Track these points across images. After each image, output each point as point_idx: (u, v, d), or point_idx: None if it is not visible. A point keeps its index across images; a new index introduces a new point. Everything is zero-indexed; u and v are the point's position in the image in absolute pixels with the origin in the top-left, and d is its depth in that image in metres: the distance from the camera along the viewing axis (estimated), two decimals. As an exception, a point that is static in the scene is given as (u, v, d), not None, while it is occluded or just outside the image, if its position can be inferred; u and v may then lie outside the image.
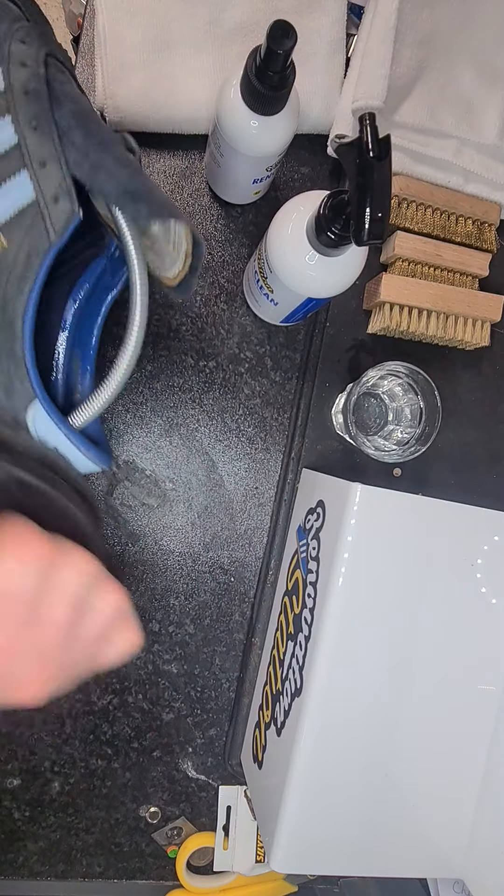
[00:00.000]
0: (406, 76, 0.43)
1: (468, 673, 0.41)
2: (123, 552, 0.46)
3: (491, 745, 0.41)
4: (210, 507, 0.47)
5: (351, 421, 0.43)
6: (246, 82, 0.32)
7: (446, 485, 0.50)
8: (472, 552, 0.40)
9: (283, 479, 0.47)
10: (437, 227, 0.46)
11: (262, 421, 0.47)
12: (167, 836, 0.48)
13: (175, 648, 0.47)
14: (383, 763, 0.39)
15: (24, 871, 0.46)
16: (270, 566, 0.47)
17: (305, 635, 0.38)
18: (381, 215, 0.27)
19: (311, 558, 0.40)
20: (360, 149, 0.28)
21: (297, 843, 0.37)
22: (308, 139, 0.46)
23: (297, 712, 0.37)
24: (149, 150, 0.45)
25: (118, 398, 0.44)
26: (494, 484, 0.50)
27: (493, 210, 0.47)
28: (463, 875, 0.41)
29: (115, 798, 0.47)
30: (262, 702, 0.44)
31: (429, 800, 0.40)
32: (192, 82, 0.42)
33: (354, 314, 0.48)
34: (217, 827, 0.48)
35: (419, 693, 0.39)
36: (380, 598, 0.38)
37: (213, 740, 0.48)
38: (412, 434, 0.45)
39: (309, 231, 0.33)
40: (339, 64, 0.44)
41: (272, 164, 0.39)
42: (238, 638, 0.48)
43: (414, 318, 0.45)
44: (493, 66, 0.45)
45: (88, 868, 0.47)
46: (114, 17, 0.41)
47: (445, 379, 0.49)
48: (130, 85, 0.41)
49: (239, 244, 0.47)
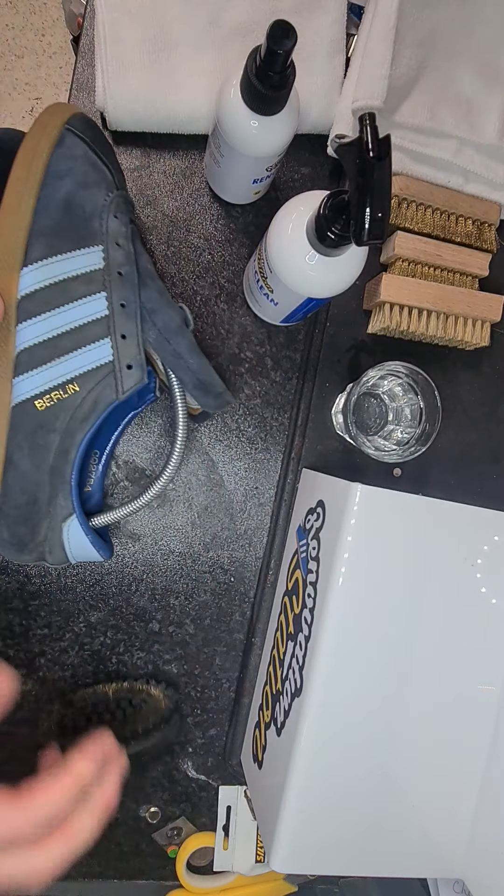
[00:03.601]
0: (406, 76, 0.43)
1: (468, 673, 0.41)
2: (124, 552, 0.46)
3: (491, 745, 0.41)
4: (210, 507, 0.47)
5: (351, 421, 0.43)
6: (246, 82, 0.32)
7: (446, 485, 0.49)
8: (472, 552, 0.40)
9: (283, 479, 0.47)
10: (437, 227, 0.46)
11: (262, 421, 0.47)
12: (167, 836, 0.48)
13: (175, 648, 0.47)
14: (383, 763, 0.39)
15: (24, 871, 0.46)
16: (270, 566, 0.47)
17: (305, 635, 0.38)
18: (381, 215, 0.27)
19: (311, 558, 0.40)
20: (360, 149, 0.28)
21: (297, 843, 0.37)
22: (308, 139, 0.46)
23: (297, 712, 0.37)
24: (149, 150, 0.45)
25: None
26: (494, 484, 0.50)
27: (492, 210, 0.47)
28: (463, 875, 0.41)
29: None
30: (262, 702, 0.44)
31: (429, 800, 0.40)
32: (192, 82, 0.42)
33: (354, 314, 0.48)
34: (217, 827, 0.48)
35: (419, 693, 0.39)
36: (380, 598, 0.38)
37: (213, 740, 0.48)
38: (412, 434, 0.45)
39: (309, 231, 0.33)
40: (339, 64, 0.44)
41: (272, 164, 0.39)
42: (238, 638, 0.48)
43: (414, 318, 0.45)
44: (493, 66, 0.45)
45: (88, 868, 0.47)
46: (114, 17, 0.41)
47: (445, 379, 0.49)
48: (130, 85, 0.41)
49: (239, 244, 0.47)
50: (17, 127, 0.37)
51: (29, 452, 0.35)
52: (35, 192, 0.34)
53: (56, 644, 0.45)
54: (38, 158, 0.34)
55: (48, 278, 0.34)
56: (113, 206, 0.36)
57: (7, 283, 0.33)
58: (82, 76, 0.44)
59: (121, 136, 0.44)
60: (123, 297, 0.36)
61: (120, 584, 0.46)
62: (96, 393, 0.36)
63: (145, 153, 0.45)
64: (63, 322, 0.35)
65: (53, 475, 0.36)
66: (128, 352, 0.36)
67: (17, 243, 0.33)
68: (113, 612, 0.46)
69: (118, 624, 0.46)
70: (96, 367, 0.36)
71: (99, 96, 0.42)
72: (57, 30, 1.33)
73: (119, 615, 0.46)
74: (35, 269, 0.34)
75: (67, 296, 0.35)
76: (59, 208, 0.34)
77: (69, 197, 0.35)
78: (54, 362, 0.35)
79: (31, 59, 1.32)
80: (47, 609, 0.45)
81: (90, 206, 0.35)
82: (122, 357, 0.36)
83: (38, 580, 0.45)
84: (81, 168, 0.35)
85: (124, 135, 0.44)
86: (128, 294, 0.36)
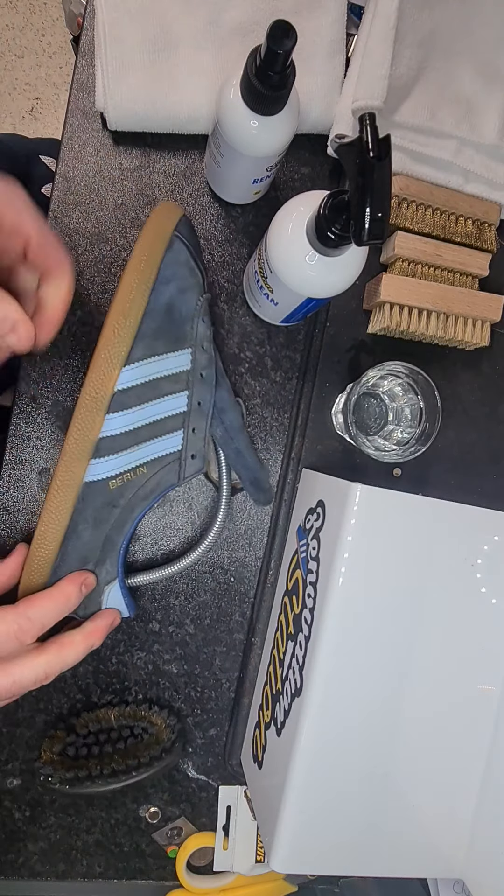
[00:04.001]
0: (406, 76, 0.43)
1: (468, 673, 0.41)
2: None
3: (491, 745, 0.41)
4: (210, 507, 0.47)
5: (351, 421, 0.43)
6: (246, 82, 0.32)
7: (446, 485, 0.49)
8: (472, 552, 0.40)
9: (283, 479, 0.47)
10: (437, 227, 0.46)
11: (262, 421, 0.47)
12: (167, 836, 0.48)
13: (175, 648, 0.47)
14: (383, 763, 0.39)
15: (24, 871, 0.46)
16: (270, 566, 0.47)
17: (305, 635, 0.38)
18: (381, 215, 0.27)
19: (311, 558, 0.40)
20: (360, 149, 0.28)
21: (297, 843, 0.37)
22: (308, 139, 0.46)
23: (297, 712, 0.37)
24: (149, 150, 0.45)
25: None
26: (494, 484, 0.50)
27: (493, 210, 0.47)
28: (463, 875, 0.41)
29: (115, 798, 0.47)
30: (262, 702, 0.44)
31: (429, 800, 0.40)
32: (192, 82, 0.42)
33: (354, 314, 0.48)
34: (217, 827, 0.48)
35: (419, 693, 0.39)
36: (380, 598, 0.38)
37: (213, 740, 0.48)
38: (412, 434, 0.45)
39: (309, 231, 0.33)
40: (339, 64, 0.44)
41: (272, 164, 0.39)
42: (238, 638, 0.48)
43: (414, 318, 0.45)
44: (493, 66, 0.45)
45: (88, 868, 0.47)
46: (114, 17, 0.41)
47: (445, 379, 0.49)
48: (130, 85, 0.41)
49: (239, 244, 0.47)
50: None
51: (93, 525, 0.38)
52: (146, 297, 0.36)
53: (56, 644, 0.45)
54: (152, 264, 0.36)
55: (143, 377, 0.37)
56: (202, 310, 0.39)
57: (109, 377, 0.36)
58: (82, 76, 0.44)
59: (121, 136, 0.44)
60: (201, 397, 0.40)
61: (120, 584, 0.46)
62: (160, 476, 0.39)
63: (145, 153, 0.45)
64: (148, 415, 0.38)
65: (106, 543, 0.39)
66: (195, 444, 0.40)
67: (125, 345, 0.36)
68: (113, 612, 0.46)
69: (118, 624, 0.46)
70: (166, 455, 0.39)
71: (99, 96, 0.42)
72: (57, 30, 1.33)
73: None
74: (135, 367, 0.37)
75: (156, 392, 0.38)
76: (161, 313, 0.37)
77: (171, 301, 0.37)
78: (132, 449, 0.38)
79: (31, 59, 1.32)
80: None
81: (185, 311, 0.38)
82: (190, 448, 0.40)
83: (38, 580, 0.45)
84: (183, 273, 0.37)
85: (124, 135, 0.44)
86: (205, 394, 0.40)
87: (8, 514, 0.43)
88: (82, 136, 0.44)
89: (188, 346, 0.38)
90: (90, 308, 0.45)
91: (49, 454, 0.44)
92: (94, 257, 0.45)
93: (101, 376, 0.36)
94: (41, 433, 0.44)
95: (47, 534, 0.37)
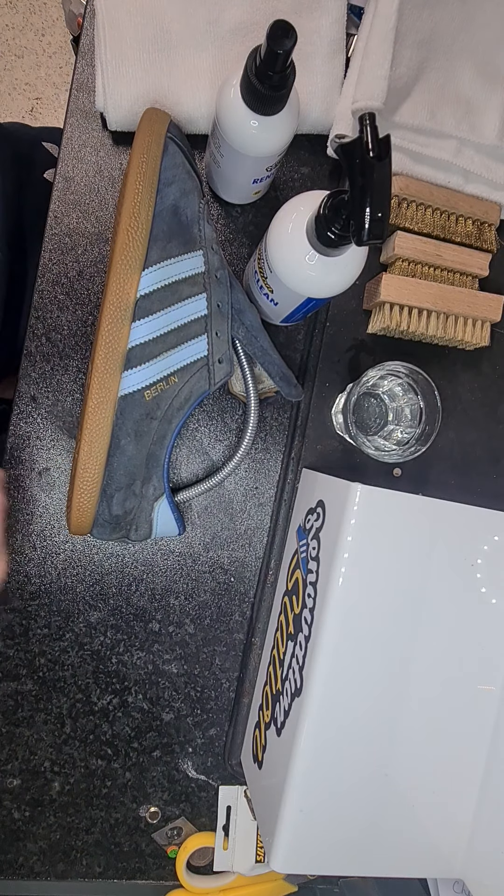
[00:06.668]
0: (406, 76, 0.43)
1: (468, 673, 0.41)
2: (123, 552, 0.46)
3: (491, 745, 0.41)
4: (210, 507, 0.47)
5: (351, 421, 0.43)
6: (246, 82, 0.32)
7: (446, 485, 0.49)
8: (472, 552, 0.40)
9: (283, 479, 0.47)
10: (437, 227, 0.46)
11: (262, 421, 0.47)
12: (167, 836, 0.48)
13: (175, 648, 0.47)
14: (383, 763, 0.39)
15: (24, 871, 0.46)
16: (270, 566, 0.47)
17: (305, 635, 0.38)
18: (381, 215, 0.27)
19: (311, 558, 0.40)
20: (360, 149, 0.28)
21: (297, 843, 0.37)
22: (308, 139, 0.46)
23: (297, 712, 0.37)
24: (149, 150, 0.45)
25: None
26: (494, 484, 0.50)
27: (493, 210, 0.47)
28: (463, 875, 0.41)
29: (115, 798, 0.47)
30: (262, 702, 0.44)
31: (429, 800, 0.40)
32: (191, 82, 0.42)
33: (354, 314, 0.48)
34: (217, 827, 0.48)
35: (419, 693, 0.39)
36: (380, 598, 0.38)
37: (213, 740, 0.48)
38: (412, 434, 0.45)
39: (309, 231, 0.33)
40: (339, 64, 0.44)
41: (272, 164, 0.39)
42: (238, 638, 0.48)
43: (414, 318, 0.45)
44: (493, 66, 0.45)
45: (88, 868, 0.47)
46: (114, 18, 0.41)
47: (445, 379, 0.49)
48: (130, 85, 0.41)
49: (239, 244, 0.47)
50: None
51: (135, 438, 0.38)
52: (153, 198, 0.36)
53: (56, 644, 0.45)
54: (152, 166, 0.36)
55: (162, 280, 0.37)
56: (205, 213, 0.39)
57: (130, 283, 0.36)
58: (82, 76, 0.44)
59: (121, 136, 0.44)
60: (219, 299, 0.40)
61: (120, 584, 0.46)
62: (192, 384, 0.39)
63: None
64: (172, 320, 0.38)
65: (150, 459, 0.39)
66: (220, 348, 0.40)
67: (141, 247, 0.36)
68: (113, 612, 0.46)
69: (118, 624, 0.46)
70: (193, 361, 0.39)
71: (99, 96, 0.42)
72: (57, 30, 1.33)
73: (119, 615, 0.46)
74: (153, 271, 0.37)
75: (177, 296, 0.38)
76: (169, 215, 0.37)
77: (175, 203, 0.37)
78: (162, 356, 0.38)
79: (31, 59, 1.32)
80: (47, 609, 0.45)
81: (190, 213, 0.38)
82: (216, 352, 0.40)
83: (37, 580, 0.45)
84: (182, 176, 0.37)
85: (124, 135, 0.44)
86: (223, 295, 0.40)
87: (8, 514, 0.43)
88: (82, 136, 0.44)
89: (199, 249, 0.38)
90: (90, 308, 0.45)
91: (49, 454, 0.44)
92: (94, 257, 0.45)
93: (122, 283, 0.35)
94: (41, 433, 0.44)
95: (91, 453, 0.36)
